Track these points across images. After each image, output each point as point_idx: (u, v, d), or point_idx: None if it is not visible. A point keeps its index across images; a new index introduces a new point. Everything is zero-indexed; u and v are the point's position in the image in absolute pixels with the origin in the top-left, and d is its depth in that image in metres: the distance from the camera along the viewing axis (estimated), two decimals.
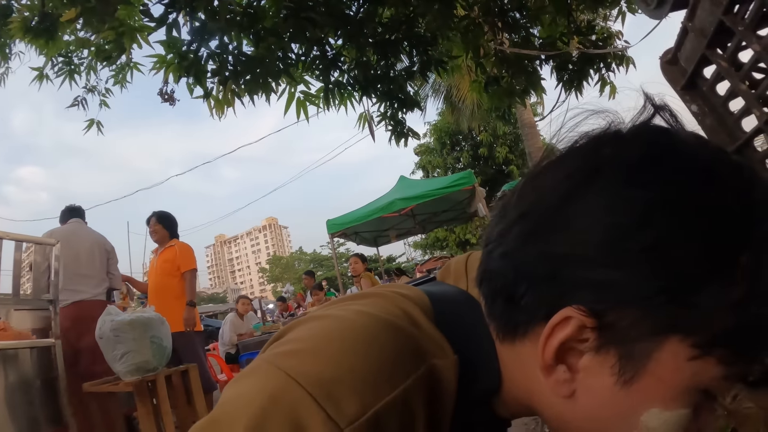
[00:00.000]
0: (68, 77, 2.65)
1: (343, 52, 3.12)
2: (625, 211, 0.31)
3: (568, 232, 0.32)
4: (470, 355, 0.38)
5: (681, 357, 0.30)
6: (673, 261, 0.29)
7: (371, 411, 0.29)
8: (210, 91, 2.56)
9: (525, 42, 3.29)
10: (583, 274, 0.31)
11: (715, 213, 0.30)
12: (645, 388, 0.32)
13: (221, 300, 49.76)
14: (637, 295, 0.30)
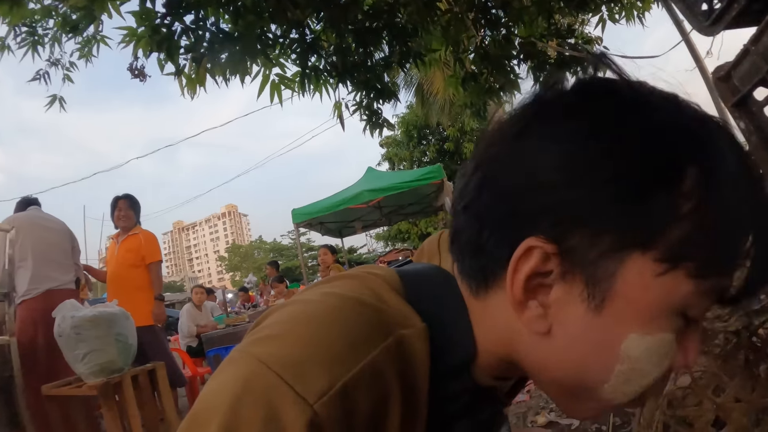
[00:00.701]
0: (31, 48, 2.42)
1: (323, 37, 3.04)
2: (569, 138, 0.32)
3: (519, 168, 0.33)
4: (442, 324, 0.38)
5: (646, 273, 0.31)
6: (620, 176, 0.30)
7: (339, 384, 0.29)
8: (182, 68, 2.41)
9: (506, 40, 3.31)
10: (537, 202, 0.32)
11: (657, 130, 0.31)
12: (617, 312, 0.32)
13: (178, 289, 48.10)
14: (590, 212, 0.31)
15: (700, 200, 0.30)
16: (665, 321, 0.32)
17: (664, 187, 0.30)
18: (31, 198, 2.92)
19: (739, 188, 0.31)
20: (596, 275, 0.32)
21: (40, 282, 2.57)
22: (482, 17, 3.29)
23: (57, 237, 2.77)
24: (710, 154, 0.31)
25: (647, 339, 0.32)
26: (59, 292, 2.60)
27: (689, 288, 0.31)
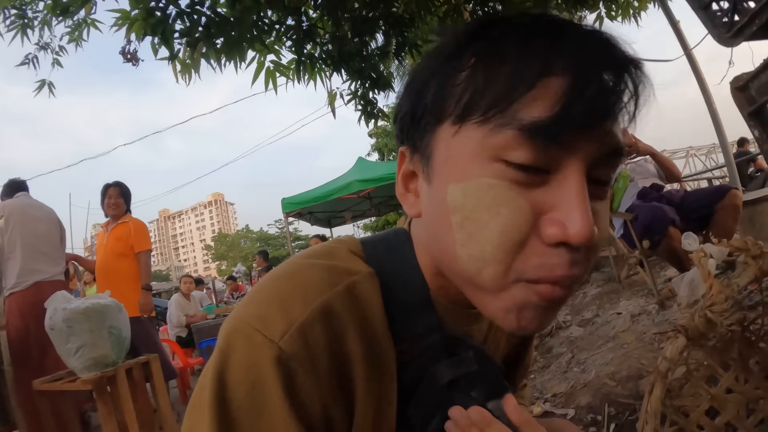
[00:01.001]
0: (20, 32, 2.34)
1: (319, 25, 2.99)
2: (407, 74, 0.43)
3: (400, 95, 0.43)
4: (395, 272, 0.43)
5: (447, 136, 0.37)
6: (413, 83, 0.41)
7: (297, 323, 0.35)
8: (177, 52, 2.35)
9: None
10: (401, 117, 0.42)
11: (434, 50, 0.41)
12: (438, 174, 0.37)
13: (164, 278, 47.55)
14: (408, 115, 0.40)
15: (469, 72, 0.36)
16: (478, 167, 0.34)
17: (443, 75, 0.37)
18: (18, 181, 2.81)
19: (505, 51, 0.34)
20: (425, 154, 0.39)
21: (30, 274, 2.50)
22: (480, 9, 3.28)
23: (46, 228, 2.69)
24: (487, 37, 0.36)
25: (462, 185, 0.35)
26: (49, 283, 2.53)
27: (483, 132, 0.34)
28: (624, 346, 1.98)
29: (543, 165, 0.33)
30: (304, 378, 0.35)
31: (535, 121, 0.32)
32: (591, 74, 0.32)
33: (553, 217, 0.33)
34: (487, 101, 0.34)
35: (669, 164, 2.65)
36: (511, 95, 0.33)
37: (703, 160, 15.49)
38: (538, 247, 0.34)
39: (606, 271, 3.52)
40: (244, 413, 0.34)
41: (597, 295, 3.06)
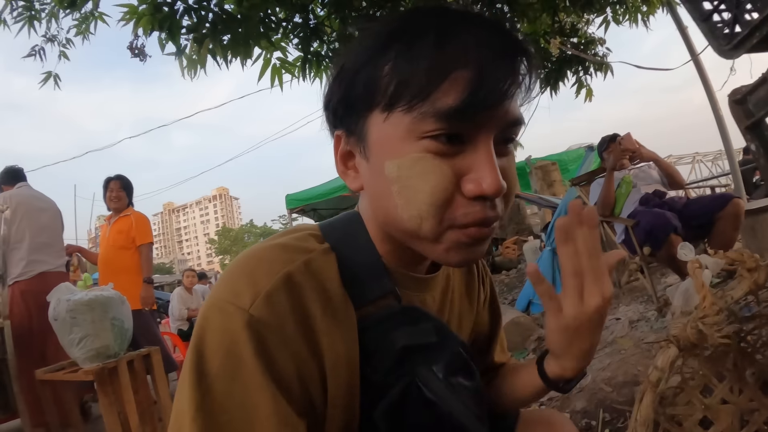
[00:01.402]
0: (28, 24, 2.35)
1: (327, 23, 3.00)
2: (334, 64, 0.50)
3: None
4: (348, 245, 0.49)
5: (378, 121, 0.44)
6: (344, 74, 0.46)
7: (263, 292, 0.40)
8: (183, 48, 2.37)
9: None
10: (329, 110, 0.49)
11: (360, 41, 0.46)
12: (375, 153, 0.45)
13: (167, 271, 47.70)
14: (342, 102, 0.47)
15: (392, 66, 0.42)
16: (408, 146, 0.42)
17: (370, 68, 0.43)
18: (17, 169, 2.80)
19: (422, 50, 0.41)
20: (361, 137, 0.46)
21: (35, 265, 2.53)
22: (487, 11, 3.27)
23: (50, 219, 2.71)
24: (407, 35, 0.43)
25: (396, 160, 0.43)
26: (52, 274, 2.57)
27: (410, 118, 0.41)
28: (621, 351, 1.98)
29: (459, 139, 0.42)
30: (274, 338, 0.39)
31: (450, 107, 0.40)
32: (490, 66, 0.41)
33: (471, 177, 0.42)
34: (410, 93, 0.41)
35: (672, 171, 2.64)
36: (428, 87, 0.40)
37: (709, 167, 15.39)
38: (462, 201, 0.43)
39: None
40: (221, 380, 0.37)
41: None
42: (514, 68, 0.43)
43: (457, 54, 0.41)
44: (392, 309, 0.49)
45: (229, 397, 0.37)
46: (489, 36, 0.42)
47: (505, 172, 0.44)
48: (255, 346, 0.38)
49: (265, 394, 0.37)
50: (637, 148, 2.53)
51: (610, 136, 2.83)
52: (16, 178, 2.75)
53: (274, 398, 0.38)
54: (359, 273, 0.48)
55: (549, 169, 6.52)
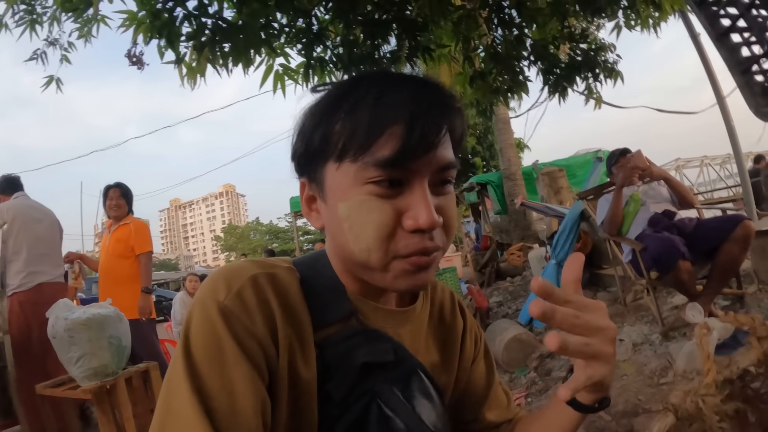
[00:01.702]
0: (29, 27, 2.33)
1: (330, 28, 2.95)
2: (297, 119, 0.55)
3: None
4: (314, 275, 0.56)
5: (332, 170, 0.51)
6: (301, 131, 0.54)
7: (234, 290, 0.48)
8: (183, 56, 2.33)
9: (518, 41, 3.22)
10: (294, 159, 0.56)
11: (316, 101, 0.53)
12: (331, 197, 0.51)
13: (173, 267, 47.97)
14: (304, 155, 0.54)
15: (332, 127, 0.50)
16: (355, 190, 0.49)
17: (324, 126, 0.51)
18: (13, 177, 2.79)
19: (363, 109, 0.48)
20: (320, 184, 0.53)
21: (33, 276, 2.52)
22: (495, 16, 3.20)
23: (48, 230, 2.70)
24: (352, 97, 0.50)
25: (346, 202, 0.49)
26: (50, 285, 2.56)
27: (356, 167, 0.48)
28: (623, 377, 1.91)
29: (398, 183, 0.49)
30: (243, 325, 0.46)
31: (386, 158, 0.47)
32: (418, 121, 0.47)
33: (409, 214, 0.49)
34: (354, 146, 0.48)
35: (683, 190, 2.55)
36: (368, 141, 0.48)
37: (717, 170, 15.20)
38: (403, 235, 0.49)
39: (612, 291, 3.44)
40: (204, 355, 0.45)
41: None
42: (439, 122, 0.49)
43: (391, 112, 0.48)
44: (353, 329, 0.54)
45: (212, 369, 0.44)
46: (418, 94, 0.49)
47: (442, 209, 0.51)
48: (229, 329, 0.45)
49: (240, 367, 0.45)
50: (647, 166, 2.45)
51: (620, 151, 2.75)
52: (13, 187, 2.73)
53: (249, 370, 0.45)
54: (322, 297, 0.55)
55: (556, 175, 6.43)
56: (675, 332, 2.26)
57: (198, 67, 2.36)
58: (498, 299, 4.79)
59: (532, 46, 3.29)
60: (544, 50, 3.24)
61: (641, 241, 2.30)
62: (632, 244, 2.36)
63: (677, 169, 13.72)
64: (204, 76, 2.42)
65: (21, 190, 2.77)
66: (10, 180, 2.76)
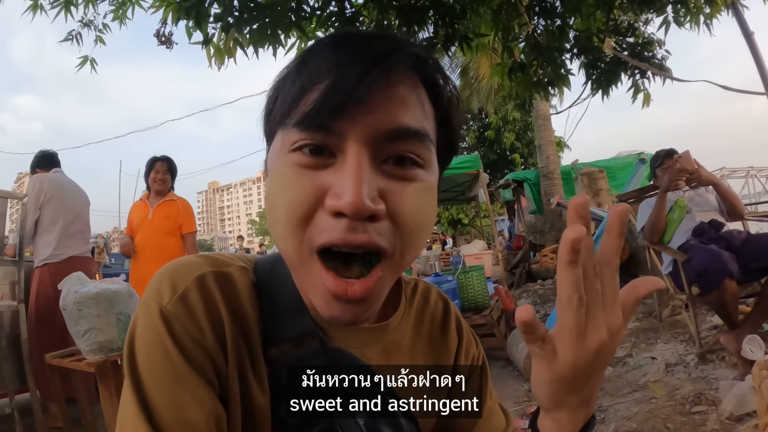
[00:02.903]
0: (64, 9, 2.37)
1: (363, 12, 2.87)
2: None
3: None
4: (274, 282, 0.49)
5: (277, 143, 0.43)
6: (272, 93, 0.46)
7: (179, 292, 0.43)
8: (210, 37, 2.31)
9: (560, 31, 3.04)
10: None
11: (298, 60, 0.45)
12: (270, 167, 0.44)
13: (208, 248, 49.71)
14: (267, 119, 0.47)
15: (271, 97, 0.45)
16: (280, 161, 0.42)
17: (272, 91, 0.46)
18: (52, 153, 2.86)
19: (302, 71, 0.42)
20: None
21: (65, 249, 2.59)
22: (536, 5, 3.04)
23: (82, 208, 2.77)
24: (302, 60, 0.44)
25: (270, 176, 0.44)
26: (80, 259, 2.64)
27: (282, 133, 0.42)
28: (652, 400, 1.76)
29: (328, 151, 0.40)
30: (188, 333, 0.42)
31: (302, 114, 0.39)
32: (347, 72, 0.38)
33: (334, 191, 0.38)
34: (283, 109, 0.42)
35: (733, 198, 2.31)
36: (294, 101, 0.41)
37: (763, 182, 14.21)
38: (324, 218, 0.39)
39: (648, 303, 3.22)
40: (148, 366, 0.41)
41: (634, 330, 2.79)
42: (382, 71, 0.39)
43: (324, 63, 0.41)
44: (313, 349, 0.47)
45: (157, 380, 0.40)
46: (365, 44, 0.41)
47: (392, 195, 0.40)
48: (172, 337, 0.41)
49: (187, 378, 0.40)
50: (696, 169, 2.23)
51: (666, 151, 2.54)
52: (51, 163, 2.80)
53: (196, 381, 0.41)
54: (280, 308, 0.48)
55: (596, 176, 6.12)
56: (713, 355, 2.06)
57: (225, 48, 2.34)
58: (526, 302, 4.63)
59: (576, 38, 3.11)
60: (587, 43, 3.05)
61: (685, 252, 2.11)
62: (675, 255, 2.17)
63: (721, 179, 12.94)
64: (233, 57, 2.41)
65: (58, 166, 2.84)
66: (48, 156, 2.83)
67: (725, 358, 1.98)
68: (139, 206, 2.92)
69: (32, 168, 2.81)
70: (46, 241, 2.56)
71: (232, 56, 2.41)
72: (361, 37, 0.43)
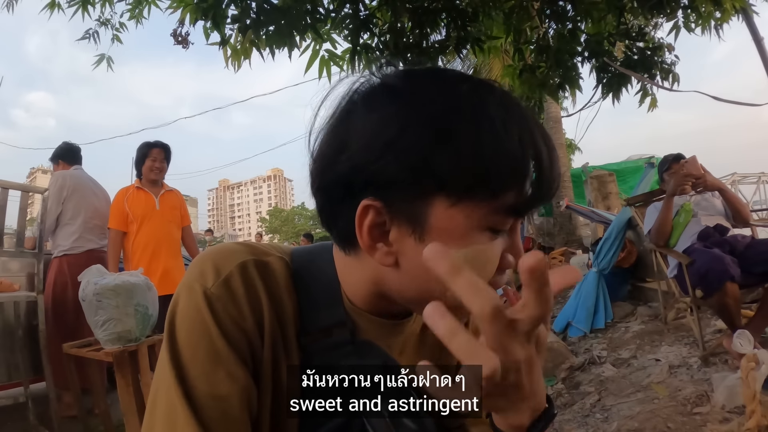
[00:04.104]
0: (81, 8, 2.44)
1: (378, 15, 2.91)
2: (375, 121, 0.43)
3: (347, 149, 0.44)
4: (311, 273, 0.52)
5: (444, 206, 0.41)
6: (407, 146, 0.41)
7: (222, 276, 0.46)
8: (228, 38, 2.37)
9: (571, 35, 3.06)
10: (363, 173, 0.42)
11: (428, 107, 0.42)
12: (436, 239, 0.42)
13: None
14: (396, 174, 0.41)
15: (466, 154, 0.40)
16: (474, 237, 0.42)
17: (439, 148, 0.40)
18: (76, 147, 2.90)
19: (497, 142, 0.40)
20: (414, 216, 0.43)
21: (84, 242, 2.65)
22: (548, 8, 3.06)
23: (102, 204, 2.82)
24: (468, 117, 0.41)
25: (462, 251, 0.41)
26: (98, 252, 2.70)
27: (482, 210, 0.41)
28: (655, 400, 1.78)
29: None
30: (229, 315, 0.45)
31: (516, 205, 0.42)
32: (546, 162, 0.42)
33: (508, 255, 0.45)
34: (485, 189, 0.41)
35: (738, 204, 2.32)
36: (500, 186, 0.41)
37: None
38: (496, 274, 0.45)
39: (654, 306, 3.23)
40: (188, 342, 0.44)
41: (639, 332, 2.80)
42: (559, 170, 0.45)
43: (527, 148, 0.42)
44: (343, 339, 0.50)
45: (195, 356, 0.43)
46: (537, 129, 0.43)
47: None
48: (214, 317, 0.44)
49: (225, 356, 0.44)
50: (702, 174, 2.25)
51: (674, 156, 2.56)
52: (74, 158, 2.85)
53: (234, 360, 0.44)
54: (315, 297, 0.51)
55: (606, 180, 6.12)
56: (716, 358, 2.08)
57: (242, 50, 2.40)
58: None
59: (587, 41, 3.12)
60: (598, 46, 3.06)
61: (689, 255, 2.13)
62: (679, 258, 2.19)
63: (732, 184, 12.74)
64: (249, 59, 2.46)
65: (80, 163, 2.89)
66: (73, 150, 2.87)
67: (728, 362, 2.00)
68: (140, 196, 2.70)
69: (55, 158, 2.85)
70: (67, 233, 2.64)
71: (248, 57, 2.47)
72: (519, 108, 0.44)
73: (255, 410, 0.46)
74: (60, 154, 2.85)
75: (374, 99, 0.45)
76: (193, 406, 0.41)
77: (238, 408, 0.43)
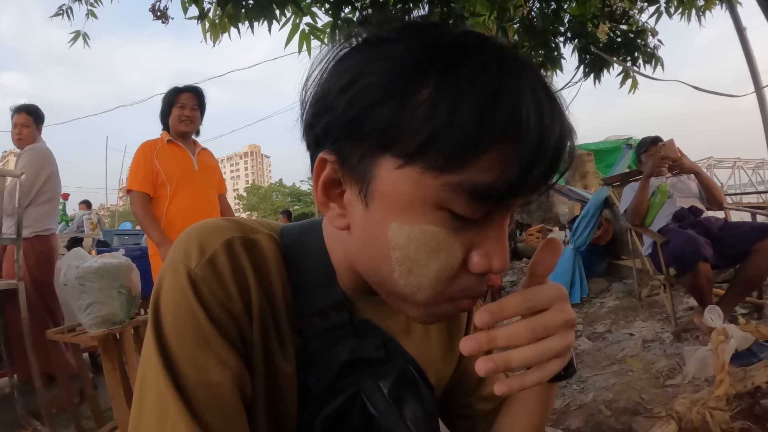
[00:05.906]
0: None
1: None
2: (332, 71, 0.40)
3: (310, 99, 0.41)
4: (303, 251, 0.49)
5: (390, 167, 0.36)
6: (355, 94, 0.36)
7: (207, 255, 0.43)
8: (206, 12, 2.28)
9: (555, 15, 3.05)
10: (324, 123, 0.39)
11: (389, 58, 0.36)
12: (379, 205, 0.38)
13: None
14: (346, 127, 0.37)
15: (414, 107, 0.34)
16: (422, 213, 0.37)
17: (397, 98, 0.35)
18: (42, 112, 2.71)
19: (456, 97, 0.33)
20: (362, 176, 0.38)
21: (52, 224, 2.58)
22: None
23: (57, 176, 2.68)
24: (452, 68, 0.34)
25: (406, 228, 0.37)
26: (55, 235, 2.62)
27: (434, 182, 0.35)
28: (629, 373, 1.88)
29: (481, 216, 0.37)
30: (215, 296, 0.42)
31: (488, 186, 0.34)
32: (543, 144, 0.34)
33: (480, 252, 0.39)
34: (443, 156, 0.34)
35: (713, 187, 2.41)
36: (466, 157, 0.34)
37: (750, 174, 14.51)
38: (465, 275, 0.40)
39: (628, 283, 3.36)
40: (174, 327, 0.42)
41: (614, 308, 2.92)
42: (563, 150, 0.37)
43: (513, 119, 0.33)
44: (341, 320, 0.48)
45: (182, 342, 0.41)
46: (543, 102, 0.35)
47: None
48: (199, 299, 0.42)
49: (212, 340, 0.41)
50: (679, 157, 2.32)
51: (651, 138, 2.62)
52: (41, 122, 2.69)
53: (222, 344, 0.42)
54: (309, 279, 0.48)
55: (583, 159, 6.23)
56: (687, 334, 2.20)
57: (221, 24, 2.32)
58: (512, 279, 4.76)
59: (570, 22, 3.12)
60: (582, 27, 3.07)
61: (664, 235, 2.21)
62: (654, 237, 2.28)
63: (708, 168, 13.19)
64: (228, 32, 2.38)
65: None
66: (42, 114, 2.71)
67: (699, 337, 2.11)
68: (174, 152, 2.13)
69: (39, 119, 2.68)
70: (39, 213, 2.52)
71: (227, 31, 2.39)
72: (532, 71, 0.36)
73: (249, 396, 0.44)
74: (42, 118, 2.68)
75: (350, 49, 0.40)
76: (183, 395, 0.39)
77: (231, 395, 0.41)
